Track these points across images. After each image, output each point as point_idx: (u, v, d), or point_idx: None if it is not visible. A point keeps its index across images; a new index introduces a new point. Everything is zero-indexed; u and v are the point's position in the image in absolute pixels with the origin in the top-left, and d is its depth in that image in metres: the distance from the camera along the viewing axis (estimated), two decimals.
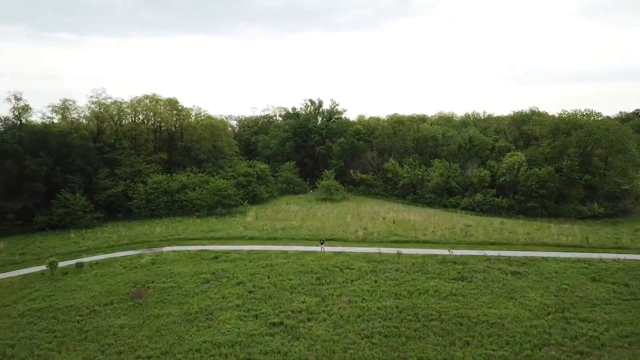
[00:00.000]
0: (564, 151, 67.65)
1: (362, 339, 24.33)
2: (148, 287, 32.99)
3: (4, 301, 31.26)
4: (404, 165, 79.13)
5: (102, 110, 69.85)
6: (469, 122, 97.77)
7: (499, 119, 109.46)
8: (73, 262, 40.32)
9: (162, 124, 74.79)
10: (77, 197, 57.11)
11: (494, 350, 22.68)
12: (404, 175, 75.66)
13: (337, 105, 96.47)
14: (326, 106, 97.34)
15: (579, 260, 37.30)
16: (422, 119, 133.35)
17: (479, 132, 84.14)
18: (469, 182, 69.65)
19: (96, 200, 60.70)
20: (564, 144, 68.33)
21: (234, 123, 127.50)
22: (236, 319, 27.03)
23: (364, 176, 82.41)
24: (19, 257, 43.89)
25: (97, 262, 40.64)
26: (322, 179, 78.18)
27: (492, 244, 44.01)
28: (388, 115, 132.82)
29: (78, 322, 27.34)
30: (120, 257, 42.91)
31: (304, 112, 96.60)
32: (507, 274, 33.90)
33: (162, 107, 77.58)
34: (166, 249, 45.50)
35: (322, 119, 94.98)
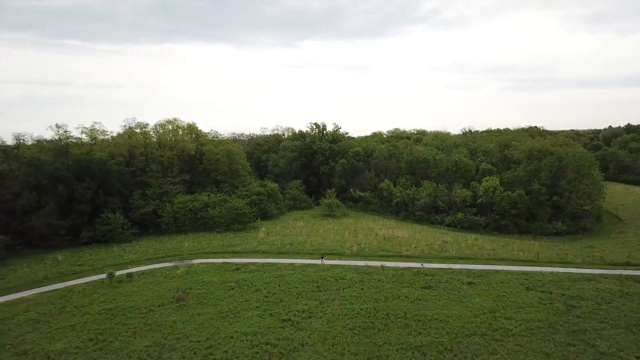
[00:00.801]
0: (536, 174, 77.49)
1: (347, 330, 34.31)
2: (187, 293, 43.21)
3: (83, 302, 41.58)
4: (397, 185, 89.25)
5: (133, 138, 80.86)
6: (460, 143, 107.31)
7: (491, 135, 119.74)
8: (124, 272, 50.64)
9: (184, 150, 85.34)
10: (117, 216, 67.68)
11: (436, 337, 32.59)
12: (397, 194, 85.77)
13: (339, 128, 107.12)
14: (329, 128, 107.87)
15: (524, 273, 47.17)
16: (421, 134, 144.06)
17: (466, 155, 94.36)
18: (453, 202, 79.57)
19: (131, 218, 71.29)
20: (537, 168, 78.15)
21: (245, 139, 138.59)
22: (256, 317, 37.11)
23: (362, 194, 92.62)
24: (77, 267, 54.38)
25: (142, 272, 50.95)
26: (325, 197, 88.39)
27: (461, 258, 53.89)
28: (389, 131, 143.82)
29: (142, 318, 37.54)
30: (159, 268, 53.22)
31: (309, 134, 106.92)
32: (463, 284, 43.81)
33: (182, 133, 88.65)
34: (195, 261, 55.77)
35: (325, 141, 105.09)
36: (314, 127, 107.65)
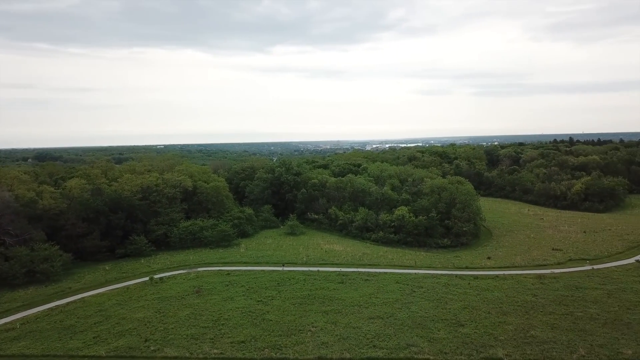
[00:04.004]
0: (436, 204, 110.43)
1: (292, 305, 64.88)
2: (201, 287, 73.46)
3: (140, 294, 71.39)
4: (342, 209, 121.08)
5: (147, 179, 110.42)
6: (393, 174, 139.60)
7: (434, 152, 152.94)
8: (157, 276, 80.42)
9: (183, 186, 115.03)
10: (140, 238, 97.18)
11: (337, 307, 63.58)
12: (341, 217, 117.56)
13: (300, 165, 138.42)
14: (294, 164, 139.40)
15: (401, 273, 79.13)
16: (371, 159, 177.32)
17: (396, 184, 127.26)
18: (378, 223, 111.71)
19: (149, 238, 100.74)
20: (437, 200, 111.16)
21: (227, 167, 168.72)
22: (243, 300, 67.60)
23: (316, 216, 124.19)
24: (123, 274, 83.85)
25: (168, 277, 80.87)
26: (289, 219, 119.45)
27: (369, 264, 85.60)
28: (355, 148, 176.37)
29: (178, 301, 67.56)
30: (177, 274, 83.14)
31: (278, 170, 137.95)
32: (362, 281, 75.35)
33: (180, 173, 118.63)
34: (200, 269, 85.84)
35: (291, 175, 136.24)
36: (283, 164, 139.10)
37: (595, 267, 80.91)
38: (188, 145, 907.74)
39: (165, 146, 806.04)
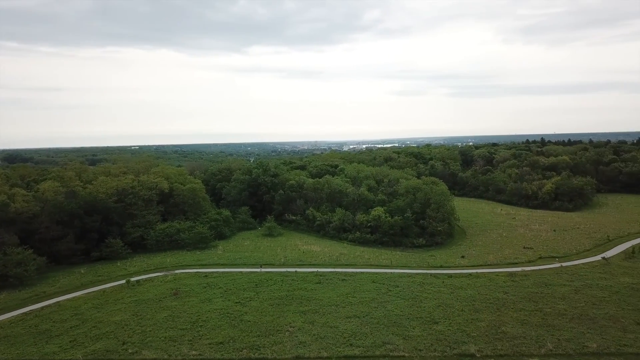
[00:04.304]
0: (411, 205, 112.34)
1: (270, 306, 65.65)
2: (179, 290, 73.48)
3: (117, 297, 71.05)
4: (319, 210, 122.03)
5: (123, 182, 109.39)
6: (369, 175, 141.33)
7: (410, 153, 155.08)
8: (133, 279, 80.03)
9: (160, 188, 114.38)
10: (116, 241, 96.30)
11: (314, 307, 64.57)
12: (318, 218, 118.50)
13: (277, 167, 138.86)
14: (271, 166, 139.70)
15: (377, 273, 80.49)
16: (348, 160, 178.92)
17: (373, 185, 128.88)
18: (355, 224, 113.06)
19: (125, 241, 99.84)
20: (412, 200, 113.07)
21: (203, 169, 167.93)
22: (221, 301, 67.94)
23: (294, 217, 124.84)
24: (99, 277, 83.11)
25: (145, 279, 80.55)
26: (266, 221, 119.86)
27: (346, 264, 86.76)
28: (332, 149, 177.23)
29: (156, 304, 67.59)
30: (154, 276, 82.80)
31: (255, 171, 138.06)
32: (340, 281, 76.42)
33: (156, 175, 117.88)
34: (177, 271, 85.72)
35: (268, 176, 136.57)
36: (260, 166, 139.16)
37: (563, 264, 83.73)
38: (163, 146, 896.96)
39: (140, 147, 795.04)
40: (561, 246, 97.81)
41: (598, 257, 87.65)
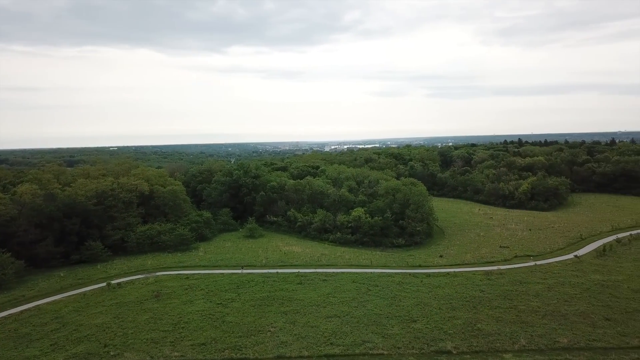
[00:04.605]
0: (391, 205, 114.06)
1: (251, 307, 66.50)
2: (160, 292, 73.67)
3: (98, 300, 70.93)
4: (300, 211, 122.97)
5: (102, 184, 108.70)
6: (350, 176, 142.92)
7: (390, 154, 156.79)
8: (114, 282, 79.85)
9: (140, 190, 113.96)
10: (96, 243, 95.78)
11: (296, 308, 65.47)
12: (300, 219, 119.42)
13: (258, 168, 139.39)
14: (252, 167, 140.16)
15: (357, 273, 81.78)
16: (329, 161, 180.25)
17: (353, 186, 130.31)
18: (336, 224, 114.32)
19: (106, 243, 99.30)
20: (391, 201, 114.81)
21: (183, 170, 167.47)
22: (203, 303, 68.44)
23: (275, 219, 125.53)
24: (79, 280, 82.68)
25: (126, 282, 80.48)
26: (248, 222, 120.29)
27: (327, 265, 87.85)
28: (314, 149, 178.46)
29: (138, 306, 67.77)
30: (135, 279, 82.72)
31: (236, 173, 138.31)
32: (321, 281, 77.52)
33: (136, 177, 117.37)
34: (158, 273, 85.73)
35: (249, 177, 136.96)
36: (240, 167, 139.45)
37: (538, 263, 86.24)
38: (143, 146, 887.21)
39: (119, 148, 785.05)
40: (536, 245, 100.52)
41: (571, 256, 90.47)
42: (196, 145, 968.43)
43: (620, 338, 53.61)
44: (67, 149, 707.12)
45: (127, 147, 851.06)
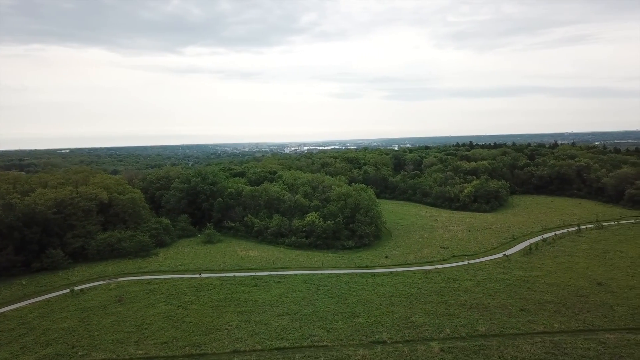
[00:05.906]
0: (342, 210, 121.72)
1: (209, 308, 72.17)
2: (123, 296, 78.18)
3: (62, 306, 74.87)
4: (257, 217, 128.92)
5: (61, 193, 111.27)
6: (306, 181, 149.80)
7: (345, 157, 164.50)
8: (77, 288, 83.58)
9: (98, 197, 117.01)
10: (57, 251, 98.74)
11: (249, 308, 71.69)
12: (257, 224, 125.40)
13: (216, 175, 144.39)
14: (210, 175, 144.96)
15: (309, 274, 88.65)
16: (286, 166, 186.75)
17: (308, 191, 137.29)
18: (291, 229, 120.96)
19: (66, 251, 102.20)
20: (343, 206, 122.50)
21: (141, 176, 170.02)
22: (164, 306, 73.58)
23: (233, 224, 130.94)
24: (42, 287, 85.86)
25: (89, 288, 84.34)
26: (206, 228, 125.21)
27: (281, 267, 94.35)
28: (274, 151, 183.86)
29: (102, 311, 72.20)
30: (97, 285, 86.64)
31: (194, 180, 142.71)
32: (275, 283, 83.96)
33: (95, 185, 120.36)
34: (120, 279, 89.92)
35: (207, 184, 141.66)
36: (198, 174, 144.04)
37: (471, 261, 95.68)
38: (96, 148, 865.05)
39: (71, 150, 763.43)
40: (473, 245, 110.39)
41: (501, 255, 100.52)
42: (152, 147, 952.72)
43: (529, 325, 62.73)
44: (15, 151, 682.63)
45: (80, 149, 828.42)
